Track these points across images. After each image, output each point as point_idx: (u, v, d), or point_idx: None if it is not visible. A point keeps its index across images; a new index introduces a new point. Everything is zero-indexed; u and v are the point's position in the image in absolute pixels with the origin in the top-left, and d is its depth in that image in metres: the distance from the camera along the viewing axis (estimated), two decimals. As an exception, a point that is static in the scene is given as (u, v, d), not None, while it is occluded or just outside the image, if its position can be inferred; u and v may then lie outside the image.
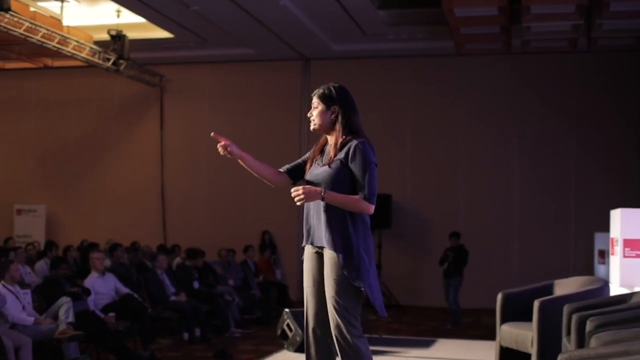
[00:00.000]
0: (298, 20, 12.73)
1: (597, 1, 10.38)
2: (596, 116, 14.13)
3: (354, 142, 4.16)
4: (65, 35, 12.42)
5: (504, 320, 5.96)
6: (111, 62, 13.33)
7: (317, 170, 4.28)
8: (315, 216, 4.25)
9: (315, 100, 4.37)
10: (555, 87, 14.19)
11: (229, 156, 4.45)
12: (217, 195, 15.70)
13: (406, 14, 12.73)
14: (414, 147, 15.00)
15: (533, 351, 5.45)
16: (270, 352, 8.84)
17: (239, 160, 4.50)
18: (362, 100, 16.63)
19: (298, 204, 4.17)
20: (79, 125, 16.55)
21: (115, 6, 12.70)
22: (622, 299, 5.12)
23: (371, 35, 13.80)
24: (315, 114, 4.35)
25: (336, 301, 4.09)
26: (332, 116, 4.29)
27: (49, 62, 15.52)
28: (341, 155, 4.18)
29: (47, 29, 11.92)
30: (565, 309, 5.10)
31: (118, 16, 13.16)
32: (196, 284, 11.01)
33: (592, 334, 3.97)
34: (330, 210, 4.14)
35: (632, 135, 14.03)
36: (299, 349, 7.39)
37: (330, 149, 4.27)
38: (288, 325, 7.42)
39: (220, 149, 4.41)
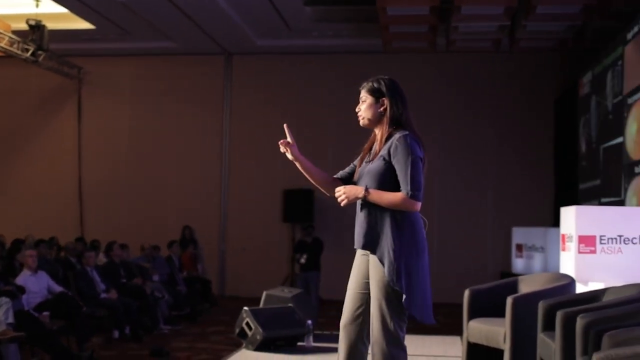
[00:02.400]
0: (224, 13, 12.63)
1: (525, 3, 10.66)
2: (516, 114, 14.56)
3: (397, 136, 3.95)
4: (-17, 24, 11.97)
5: (471, 317, 6.06)
6: (30, 52, 12.90)
7: (364, 169, 4.08)
8: (358, 217, 4.07)
9: (363, 94, 4.16)
10: (477, 86, 14.54)
11: (288, 156, 4.24)
12: (137, 190, 15.42)
13: (333, 10, 12.77)
14: (337, 143, 15.08)
15: (506, 347, 5.55)
16: (205, 349, 8.78)
17: (296, 163, 4.29)
18: (286, 96, 16.74)
19: (342, 204, 4.00)
20: (-7, 117, 16.00)
21: (35, -5, 12.33)
22: (595, 295, 5.30)
23: (296, 31, 13.81)
24: (363, 108, 4.16)
25: (377, 306, 3.90)
26: (381, 109, 4.08)
27: (-35, 51, 14.93)
28: (384, 150, 3.97)
29: (-37, 17, 11.46)
30: (541, 305, 5.23)
31: (37, 5, 12.74)
32: (155, 277, 10.85)
33: (588, 331, 4.10)
34: (370, 210, 3.97)
35: (548, 132, 14.52)
36: (259, 347, 7.35)
37: (376, 145, 4.08)
38: (247, 323, 7.36)
39: (281, 146, 4.18)
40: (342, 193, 4.01)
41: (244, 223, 15.16)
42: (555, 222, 13.95)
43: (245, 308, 7.49)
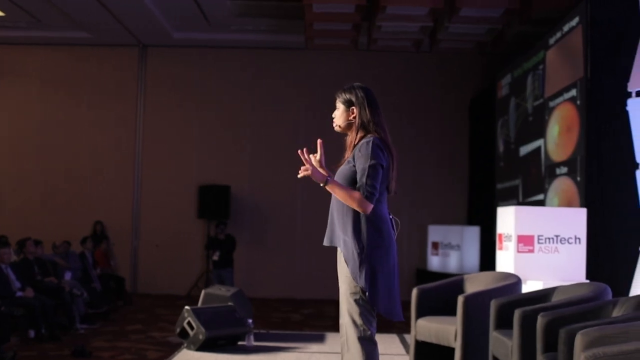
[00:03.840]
0: (142, 4, 12.34)
1: (450, 5, 10.82)
2: (433, 114, 14.80)
3: (362, 141, 4.16)
4: None
5: (419, 315, 6.11)
6: (-63, 38, 12.32)
7: (337, 172, 4.24)
8: (332, 216, 4.24)
9: (337, 102, 4.36)
10: (397, 85, 14.68)
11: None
12: (47, 184, 14.91)
13: (254, 5, 12.66)
14: (253, 138, 15.00)
15: (457, 345, 5.62)
16: (128, 349, 8.56)
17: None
18: (203, 91, 16.50)
19: (299, 176, 4.10)
20: None
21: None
22: (545, 293, 5.42)
23: (215, 25, 13.63)
24: (336, 115, 4.35)
25: (345, 301, 4.11)
26: (351, 117, 4.27)
27: None
28: (351, 155, 4.18)
29: None
30: (494, 304, 5.32)
31: (-56, -11, 12.19)
32: (68, 275, 10.44)
33: (549, 329, 4.19)
34: (340, 210, 4.14)
35: (464, 132, 14.80)
36: (202, 347, 7.20)
37: (346, 150, 4.29)
38: (189, 323, 7.19)
39: (310, 161, 4.14)
40: (307, 168, 4.09)
41: (158, 219, 14.88)
42: (470, 221, 14.27)
43: (187, 307, 7.34)
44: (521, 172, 11.48)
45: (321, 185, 4.11)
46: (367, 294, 4.02)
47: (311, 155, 4.19)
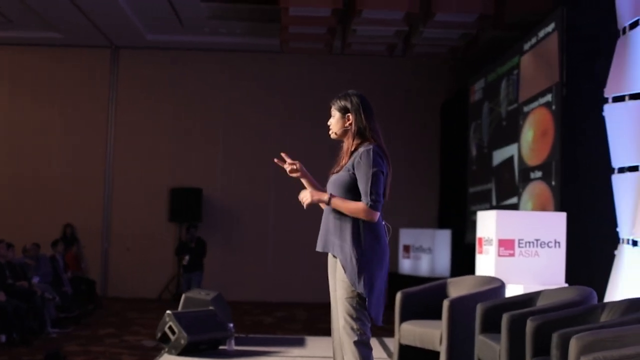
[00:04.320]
0: (115, 5, 12.24)
1: (425, 10, 10.88)
2: (405, 118, 14.83)
3: (362, 149, 4.22)
4: None
5: (403, 319, 6.14)
6: None
7: (332, 178, 4.34)
8: (326, 222, 4.30)
9: (332, 109, 4.42)
10: (370, 88, 14.55)
11: (296, 175, 4.38)
12: (16, 186, 14.71)
13: (229, 8, 12.63)
14: (225, 141, 14.95)
15: (442, 348, 5.66)
16: (102, 353, 8.48)
17: (303, 180, 4.45)
18: (175, 93, 16.36)
19: (305, 206, 4.26)
20: None
21: None
22: (530, 297, 5.48)
23: (189, 27, 13.57)
24: (332, 122, 4.40)
25: (342, 306, 4.15)
26: (347, 124, 4.34)
27: None
28: (350, 162, 4.24)
29: None
30: (480, 308, 5.37)
31: None
32: (36, 279, 10.30)
33: (539, 333, 4.24)
34: (337, 217, 4.21)
35: (435, 135, 14.89)
36: (183, 352, 7.15)
37: (343, 157, 4.34)
38: (170, 327, 7.13)
39: (288, 168, 4.35)
40: (305, 195, 4.26)
41: (129, 222, 14.77)
42: (441, 224, 14.36)
43: (169, 312, 7.29)
44: (494, 176, 11.58)
45: (325, 204, 4.22)
46: (366, 299, 4.10)
47: (295, 163, 4.32)
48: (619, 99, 7.67)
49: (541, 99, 9.60)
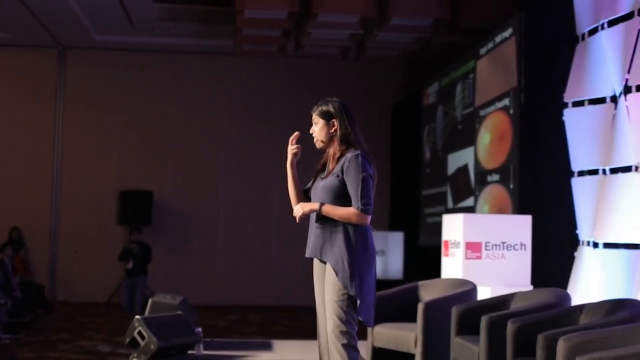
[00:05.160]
0: (64, 5, 12.01)
1: (381, 14, 10.93)
2: (357, 118, 14.85)
3: (349, 155, 4.29)
4: None
5: (375, 322, 6.14)
6: None
7: (318, 184, 4.41)
8: (314, 228, 4.36)
9: (315, 117, 4.47)
10: (322, 91, 14.52)
11: (289, 162, 4.50)
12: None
13: (183, 9, 12.51)
14: (176, 143, 14.81)
15: (417, 351, 5.70)
16: (57, 359, 8.34)
17: (288, 171, 4.55)
18: (124, 94, 16.15)
19: (297, 221, 4.36)
20: None
21: None
22: (504, 299, 5.56)
23: (139, 28, 13.38)
24: (316, 130, 4.46)
25: (331, 308, 4.19)
26: (332, 130, 4.41)
27: None
28: (337, 168, 4.30)
29: None
30: (455, 310, 5.43)
31: None
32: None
33: (519, 335, 4.30)
34: (325, 222, 4.27)
35: (385, 137, 14.97)
36: (152, 357, 7.04)
37: (330, 163, 4.38)
38: (140, 333, 7.02)
39: (293, 151, 4.46)
40: (297, 210, 4.38)
41: (77, 225, 14.50)
42: (392, 227, 14.44)
43: (138, 317, 7.19)
44: (449, 179, 11.69)
45: (317, 212, 4.27)
46: (357, 302, 4.15)
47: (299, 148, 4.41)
48: (578, 103, 7.83)
49: (498, 103, 9.73)
